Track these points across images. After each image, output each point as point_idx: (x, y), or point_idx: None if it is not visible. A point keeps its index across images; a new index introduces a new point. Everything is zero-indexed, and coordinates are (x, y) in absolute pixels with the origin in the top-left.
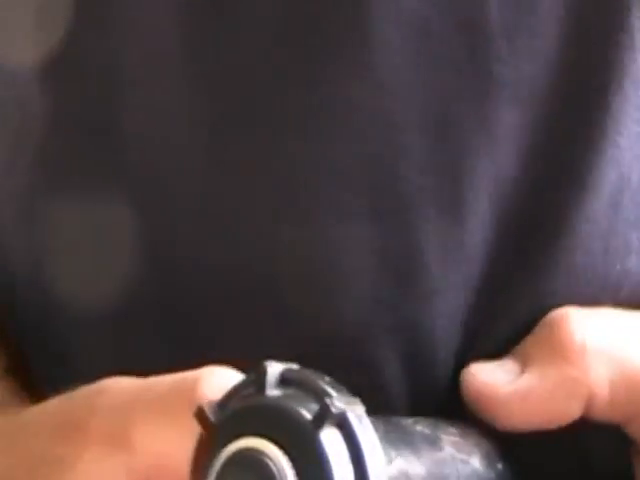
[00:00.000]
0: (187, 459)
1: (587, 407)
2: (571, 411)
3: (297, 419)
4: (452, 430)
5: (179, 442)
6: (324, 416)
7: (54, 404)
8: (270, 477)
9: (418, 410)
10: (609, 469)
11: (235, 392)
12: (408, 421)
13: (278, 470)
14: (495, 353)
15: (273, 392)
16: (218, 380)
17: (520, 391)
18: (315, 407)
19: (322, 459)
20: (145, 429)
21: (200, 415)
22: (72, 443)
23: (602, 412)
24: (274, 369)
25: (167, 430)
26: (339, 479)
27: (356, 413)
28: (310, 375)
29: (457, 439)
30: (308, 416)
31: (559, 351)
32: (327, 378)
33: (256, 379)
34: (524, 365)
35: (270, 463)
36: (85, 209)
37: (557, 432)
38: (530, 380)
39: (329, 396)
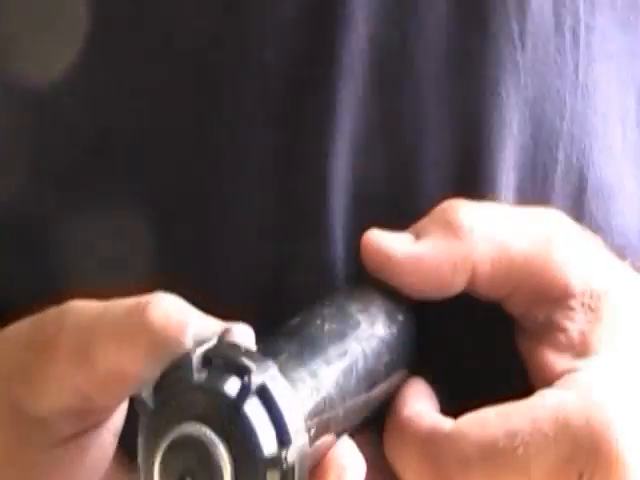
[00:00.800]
0: (137, 374)
1: (470, 282)
2: (456, 283)
3: (222, 399)
4: (357, 302)
5: (131, 358)
6: (246, 392)
7: (27, 322)
8: (207, 458)
9: None
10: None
11: (167, 375)
12: (317, 322)
13: (214, 450)
14: None
15: (200, 375)
16: (165, 305)
17: (413, 255)
18: (237, 383)
19: (249, 432)
20: (104, 347)
21: (140, 405)
22: (42, 357)
23: (484, 288)
24: (198, 352)
25: (122, 348)
26: (265, 445)
27: (271, 377)
28: (230, 351)
29: (362, 308)
30: (232, 394)
31: (449, 229)
32: (244, 349)
33: (182, 363)
34: (418, 237)
35: (206, 445)
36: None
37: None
38: (422, 247)
39: (248, 371)
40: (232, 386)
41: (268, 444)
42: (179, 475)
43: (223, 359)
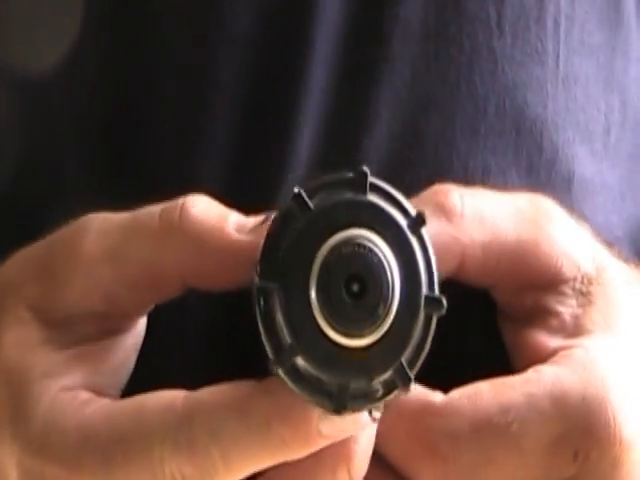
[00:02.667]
0: (174, 273)
1: (459, 266)
2: (446, 265)
3: (398, 221)
4: None
5: (171, 255)
6: (419, 224)
7: (42, 240)
8: (379, 268)
9: None
10: None
11: (326, 186)
12: None
13: (385, 258)
14: None
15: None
16: (203, 201)
17: None
18: (403, 217)
19: (417, 259)
20: (139, 245)
21: (298, 199)
22: (65, 257)
23: (472, 272)
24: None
25: (160, 245)
26: (422, 279)
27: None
28: (392, 187)
29: None
30: (404, 221)
31: (440, 211)
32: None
33: (356, 179)
34: None
35: (377, 251)
36: None
37: None
38: None
39: (409, 208)
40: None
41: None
42: (345, 279)
43: (387, 191)
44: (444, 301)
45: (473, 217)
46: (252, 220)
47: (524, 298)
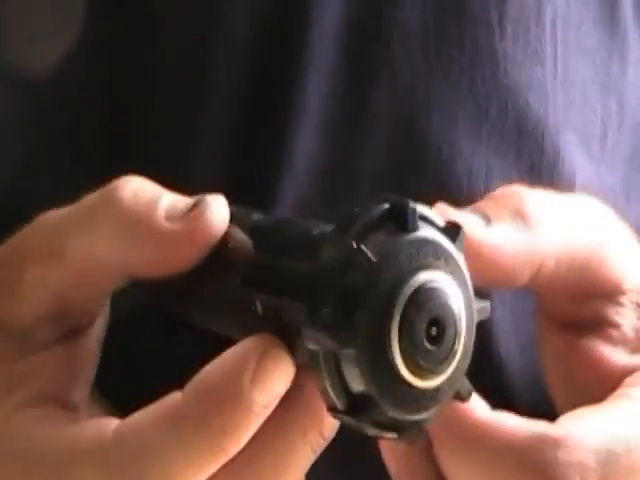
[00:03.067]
0: (111, 263)
1: (536, 275)
2: (524, 276)
3: (450, 249)
4: None
5: (103, 245)
6: (458, 236)
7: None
8: (451, 304)
9: None
10: None
11: (371, 226)
12: None
13: (452, 293)
14: None
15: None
16: (133, 185)
17: (491, 242)
18: (445, 237)
19: (466, 277)
20: (75, 238)
21: (359, 254)
22: (14, 268)
23: (542, 283)
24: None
25: (91, 236)
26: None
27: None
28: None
29: None
30: (449, 243)
31: (519, 218)
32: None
33: (399, 213)
34: (487, 221)
35: (445, 290)
36: None
37: None
38: (498, 236)
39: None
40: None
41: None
42: (425, 327)
43: (423, 217)
44: (489, 305)
45: (550, 226)
46: (184, 202)
47: (583, 307)
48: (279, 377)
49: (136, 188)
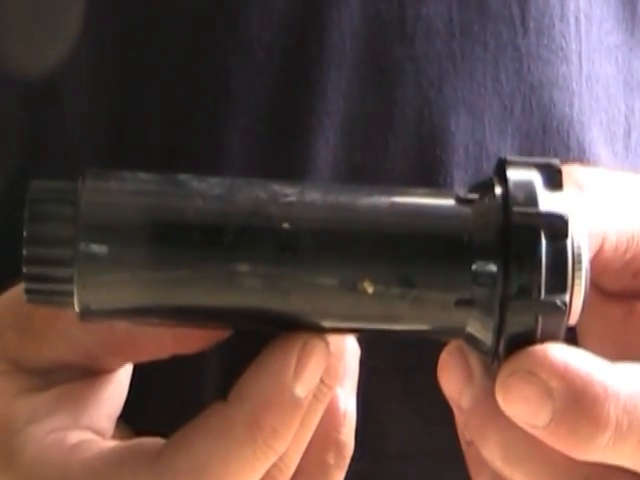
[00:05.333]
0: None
1: (599, 250)
2: (593, 242)
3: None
4: None
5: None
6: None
7: None
8: None
9: None
10: None
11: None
12: None
13: None
14: None
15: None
16: None
17: None
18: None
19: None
20: None
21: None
22: (45, 311)
23: (607, 258)
24: None
25: None
26: None
27: None
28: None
29: None
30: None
31: (580, 189)
32: None
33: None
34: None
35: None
36: None
37: None
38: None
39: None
40: None
41: None
42: None
43: None
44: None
45: (608, 199)
46: None
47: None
48: (318, 367)
49: None
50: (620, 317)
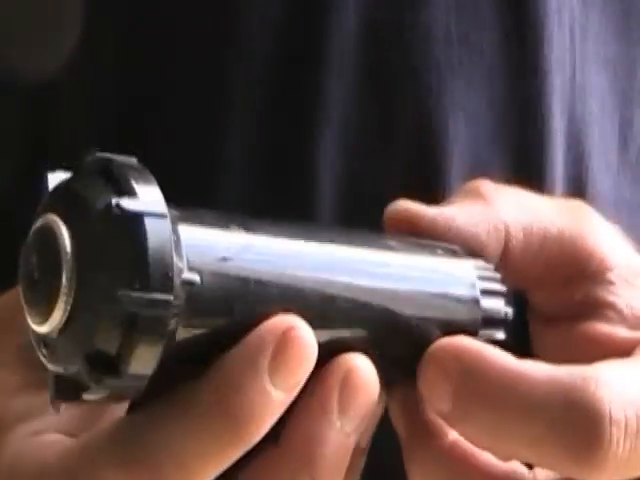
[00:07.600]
0: None
1: (504, 250)
2: (491, 246)
3: (87, 206)
4: None
5: None
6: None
7: None
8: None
9: None
10: None
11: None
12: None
13: (57, 235)
14: None
15: (82, 180)
16: None
17: (446, 214)
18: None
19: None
20: None
21: None
22: None
23: (517, 259)
24: (96, 159)
25: None
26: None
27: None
28: (123, 169)
29: None
30: (100, 206)
31: (478, 196)
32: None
33: (77, 166)
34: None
35: (54, 230)
36: None
37: None
38: (454, 208)
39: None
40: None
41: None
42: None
43: (115, 174)
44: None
45: (513, 201)
46: None
47: (572, 291)
48: (299, 363)
49: None
50: (563, 340)
